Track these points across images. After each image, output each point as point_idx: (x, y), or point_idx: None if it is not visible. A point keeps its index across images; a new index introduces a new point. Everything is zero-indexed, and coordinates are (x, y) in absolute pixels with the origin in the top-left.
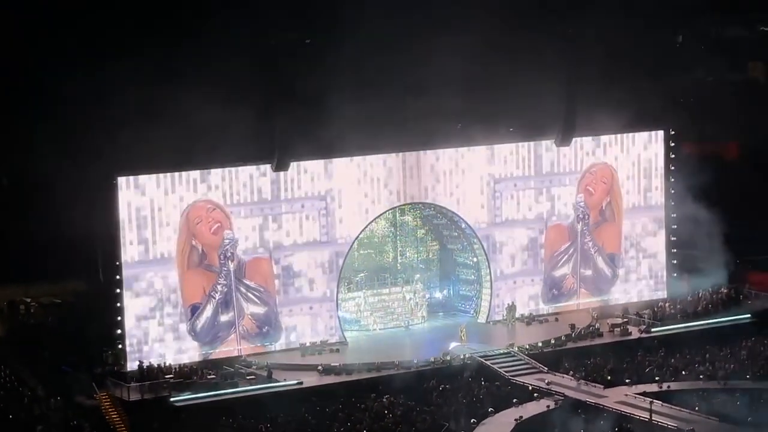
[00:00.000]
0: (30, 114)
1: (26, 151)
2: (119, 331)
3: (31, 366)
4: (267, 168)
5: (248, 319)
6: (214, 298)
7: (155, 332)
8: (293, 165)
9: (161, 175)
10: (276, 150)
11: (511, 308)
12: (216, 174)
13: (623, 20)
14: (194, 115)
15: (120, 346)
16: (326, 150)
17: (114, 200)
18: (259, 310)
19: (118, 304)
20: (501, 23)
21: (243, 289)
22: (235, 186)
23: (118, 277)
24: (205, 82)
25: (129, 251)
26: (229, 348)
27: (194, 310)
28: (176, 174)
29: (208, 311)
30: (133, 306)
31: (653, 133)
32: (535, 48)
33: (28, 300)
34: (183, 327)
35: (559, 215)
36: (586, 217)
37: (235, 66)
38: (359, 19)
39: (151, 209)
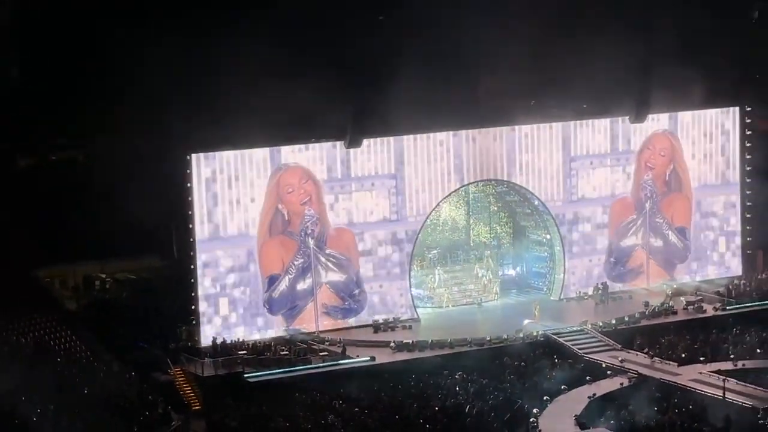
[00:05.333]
0: (105, 95)
1: (101, 130)
2: (193, 307)
3: (106, 341)
4: (338, 145)
5: (326, 288)
6: (293, 268)
7: (228, 309)
8: (365, 142)
9: (233, 152)
10: (348, 127)
11: (604, 287)
12: (287, 151)
13: None
14: (267, 93)
15: (194, 322)
16: (398, 127)
17: (187, 177)
18: (338, 278)
19: (192, 281)
20: None
21: (323, 258)
22: (306, 163)
23: (192, 253)
24: (276, 60)
25: (203, 228)
26: (306, 324)
27: (272, 281)
28: (248, 151)
29: (285, 282)
30: (206, 282)
31: (729, 109)
32: (609, 24)
33: (104, 276)
34: (257, 303)
35: (628, 191)
36: (654, 195)
37: (307, 43)
38: None
39: (223, 187)
